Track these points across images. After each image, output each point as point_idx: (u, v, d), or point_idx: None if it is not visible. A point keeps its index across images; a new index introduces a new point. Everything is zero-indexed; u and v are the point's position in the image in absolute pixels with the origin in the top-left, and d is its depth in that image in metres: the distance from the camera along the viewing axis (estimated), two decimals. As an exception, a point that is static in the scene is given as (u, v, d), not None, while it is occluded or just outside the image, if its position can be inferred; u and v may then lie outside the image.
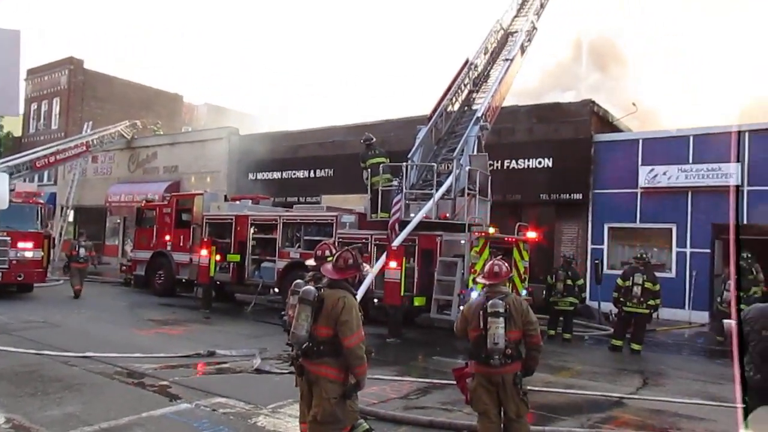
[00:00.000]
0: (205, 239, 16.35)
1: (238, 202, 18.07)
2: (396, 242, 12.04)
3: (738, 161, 15.88)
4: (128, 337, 11.17)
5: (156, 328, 12.65)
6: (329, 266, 4.90)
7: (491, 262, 5.59)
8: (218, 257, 15.97)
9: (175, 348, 9.98)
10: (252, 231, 16.36)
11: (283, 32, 72.76)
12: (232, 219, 16.71)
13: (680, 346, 13.66)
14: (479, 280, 5.69)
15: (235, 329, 12.90)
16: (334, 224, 14.59)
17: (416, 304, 12.66)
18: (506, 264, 5.59)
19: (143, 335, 11.66)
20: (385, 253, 12.34)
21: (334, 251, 5.39)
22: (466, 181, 12.86)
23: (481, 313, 5.24)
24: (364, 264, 5.14)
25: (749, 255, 13.91)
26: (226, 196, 19.13)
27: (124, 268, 20.90)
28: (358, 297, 10.86)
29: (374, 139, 14.85)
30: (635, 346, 11.94)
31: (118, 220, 29.52)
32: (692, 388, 9.23)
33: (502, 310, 5.14)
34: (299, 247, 15.14)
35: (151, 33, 79.35)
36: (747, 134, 15.96)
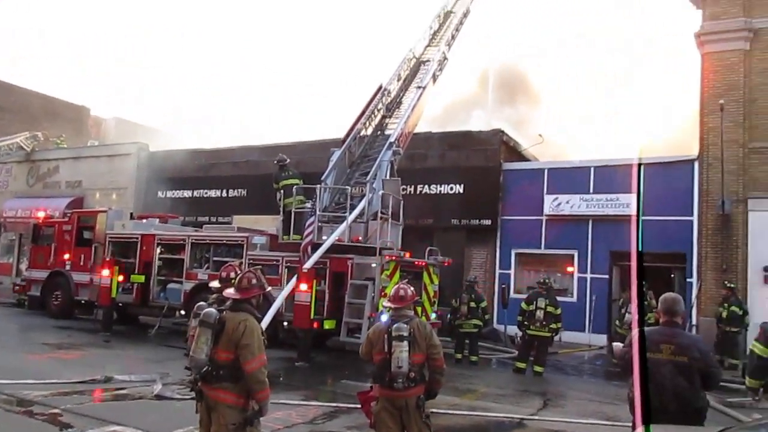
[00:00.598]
0: (108, 259, 15.65)
1: (144, 221, 17.43)
2: (307, 264, 11.96)
3: (635, 192, 16.85)
4: (18, 362, 10.46)
5: (50, 352, 11.93)
6: (231, 288, 4.82)
7: (397, 286, 5.66)
8: (121, 278, 15.33)
9: (70, 373, 9.44)
10: (158, 251, 15.80)
11: (199, 48, 71.44)
12: (137, 238, 16.09)
13: (580, 368, 14.24)
14: (385, 303, 5.75)
15: (136, 353, 12.37)
16: (245, 245, 14.33)
17: (326, 327, 12.58)
18: (411, 288, 5.67)
19: (35, 360, 10.98)
20: (295, 276, 12.22)
21: (239, 273, 5.30)
22: (379, 205, 12.98)
23: (385, 336, 5.28)
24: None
25: (643, 282, 14.73)
26: (132, 214, 18.40)
27: (18, 288, 19.62)
28: (267, 320, 10.75)
29: (288, 161, 14.77)
30: (538, 369, 12.34)
31: (13, 237, 27.76)
32: (589, 409, 9.62)
33: (406, 333, 5.20)
34: (208, 268, 14.75)
35: (60, 43, 75.89)
36: (642, 167, 16.96)
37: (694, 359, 4.90)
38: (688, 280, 16.33)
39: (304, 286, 11.90)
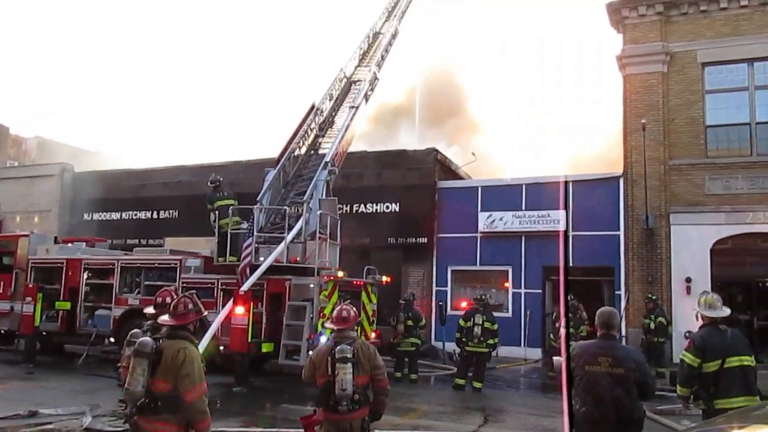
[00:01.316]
0: (30, 285, 14.88)
1: (70, 245, 16.66)
2: (244, 286, 11.72)
3: (564, 209, 17.41)
4: (-70, 399, 9.78)
5: (-34, 387, 11.20)
6: (167, 315, 4.66)
7: (339, 307, 5.61)
8: (45, 305, 14.58)
9: (-11, 409, 8.88)
10: (85, 276, 15.14)
11: (130, 65, 69.54)
12: (62, 263, 15.37)
13: (518, 382, 14.47)
14: (327, 325, 5.68)
15: (63, 385, 11.75)
16: (178, 268, 13.91)
17: (264, 350, 12.32)
18: (354, 309, 5.64)
19: (-51, 396, 10.28)
20: (232, 299, 11.95)
21: (175, 298, 5.12)
22: (316, 225, 12.89)
23: (329, 359, 5.21)
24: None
25: (572, 296, 15.24)
26: (56, 238, 17.58)
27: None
28: (203, 344, 10.43)
29: (222, 181, 14.51)
30: (477, 384, 12.46)
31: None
32: (529, 422, 9.77)
33: (350, 355, 5.15)
34: (139, 293, 14.24)
35: (-26, 58, 72.32)
36: (571, 184, 17.56)
37: (630, 370, 5.05)
38: (616, 292, 16.91)
39: (240, 309, 11.64)
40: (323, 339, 9.91)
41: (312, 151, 15.41)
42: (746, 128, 16.17)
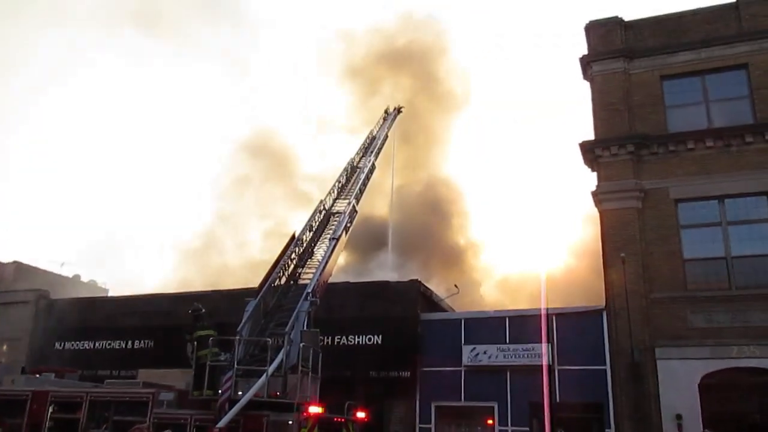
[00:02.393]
0: (-8, 420, 14.06)
1: (38, 376, 15.99)
2: (222, 422, 11.17)
3: (548, 342, 17.22)
4: None
5: None
6: None
7: None
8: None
9: None
10: (51, 410, 14.36)
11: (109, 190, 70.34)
12: (27, 395, 14.62)
13: None
14: None
15: None
16: (150, 402, 13.28)
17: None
18: None
19: None
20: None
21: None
22: (296, 357, 12.58)
23: None
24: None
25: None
26: (23, 368, 16.89)
27: None
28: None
29: (203, 310, 14.26)
30: None
31: None
32: None
33: None
34: (107, 429, 13.47)
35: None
36: (554, 317, 17.50)
37: None
38: (606, 430, 16.34)
39: (215, 447, 11.02)
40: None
41: (292, 282, 15.43)
42: (722, 262, 16.48)
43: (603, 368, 16.73)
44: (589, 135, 18.60)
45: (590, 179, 18.64)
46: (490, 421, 17.69)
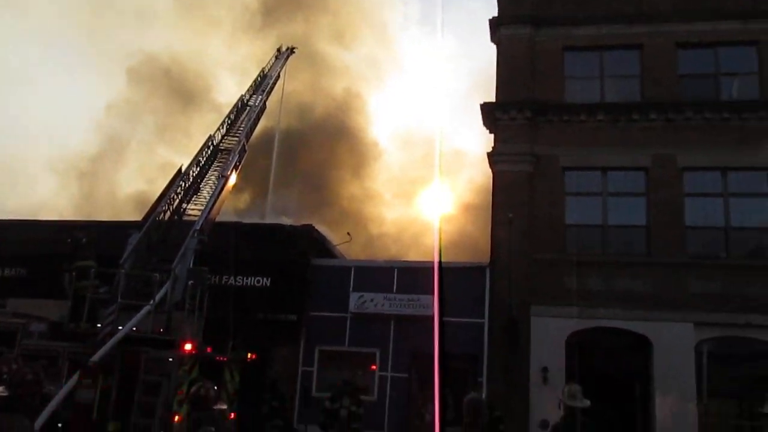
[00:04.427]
0: None
1: None
2: (97, 356, 10.75)
3: (434, 294, 17.79)
4: None
5: None
6: (2, 386, 4.15)
7: (200, 384, 5.29)
8: None
9: None
10: None
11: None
12: None
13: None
14: (186, 404, 5.33)
15: None
16: (19, 333, 12.57)
17: (110, 429, 11.23)
18: (215, 388, 5.33)
19: None
20: (78, 371, 10.90)
21: (14, 367, 4.59)
22: (181, 295, 12.29)
23: None
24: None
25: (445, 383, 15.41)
26: None
27: None
28: (40, 422, 9.38)
29: (85, 240, 13.52)
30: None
31: None
32: None
33: None
34: (-32, 359, 12.65)
35: None
36: (441, 271, 18.05)
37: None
38: (479, 379, 17.25)
39: (87, 382, 10.63)
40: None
41: (176, 217, 14.94)
42: (599, 230, 17.60)
43: (482, 322, 17.57)
44: (492, 97, 19.04)
45: (489, 140, 19.18)
46: (372, 367, 18.19)
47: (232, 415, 12.63)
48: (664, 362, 16.16)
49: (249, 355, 13.49)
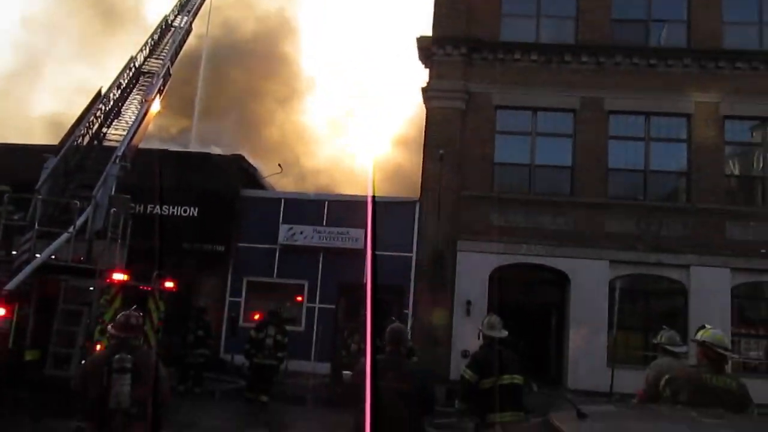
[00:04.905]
0: None
1: None
2: (12, 284, 10.35)
3: (362, 227, 17.94)
4: None
5: None
6: None
7: (125, 312, 5.19)
8: None
9: None
10: None
11: None
12: None
13: (305, 397, 14.47)
14: (111, 331, 5.23)
15: None
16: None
17: (28, 358, 10.97)
18: (141, 316, 5.25)
19: None
20: (-8, 299, 10.49)
21: None
22: (101, 222, 11.92)
23: (105, 368, 4.78)
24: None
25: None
26: None
27: None
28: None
29: (-6, 164, 12.81)
30: (263, 398, 12.25)
31: None
32: (314, 437, 9.80)
33: (129, 365, 4.76)
34: None
35: None
36: (370, 205, 18.14)
37: (414, 386, 5.26)
38: (405, 311, 17.73)
39: (1, 311, 10.26)
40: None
41: (96, 142, 14.32)
42: (527, 169, 18.02)
43: (409, 255, 17.91)
44: (428, 31, 18.81)
45: (422, 75, 19.05)
46: (299, 298, 18.36)
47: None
48: (579, 297, 17.02)
49: (169, 284, 13.31)
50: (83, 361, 10.70)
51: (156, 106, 15.48)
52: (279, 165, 21.69)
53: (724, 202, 17.49)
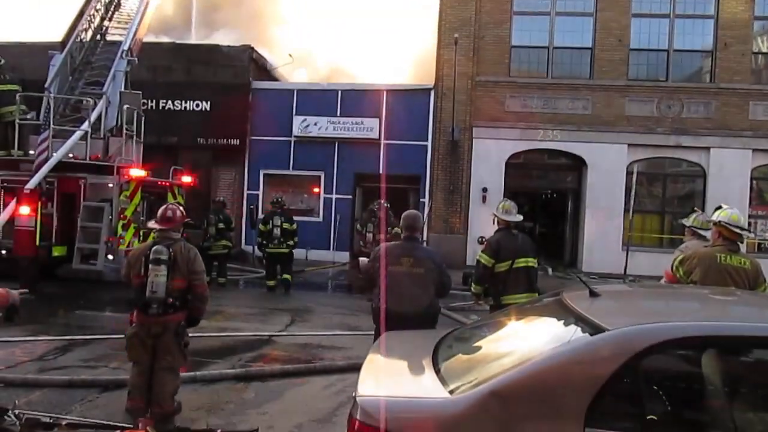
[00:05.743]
0: None
1: None
2: (30, 184, 10.53)
3: (377, 117, 17.73)
4: None
5: None
6: None
7: (165, 206, 5.30)
8: None
9: None
10: None
11: None
12: None
13: (325, 285, 14.94)
14: (150, 225, 5.38)
15: None
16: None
17: (55, 254, 11.36)
18: (181, 208, 5.35)
19: None
20: (15, 198, 10.72)
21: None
22: (115, 119, 11.91)
23: (143, 259, 4.96)
24: None
25: (377, 202, 15.87)
26: None
27: None
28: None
29: (3, 62, 12.63)
30: (286, 276, 12.67)
31: None
32: (334, 321, 10.17)
33: (165, 257, 4.92)
34: None
35: None
36: (385, 93, 17.85)
37: (429, 270, 5.37)
38: (421, 199, 17.85)
39: (26, 209, 10.50)
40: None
41: (98, 37, 13.96)
42: (545, 51, 17.42)
43: (425, 144, 17.78)
44: None
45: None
46: (316, 189, 18.50)
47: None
48: (596, 181, 16.95)
49: (188, 179, 13.44)
50: (109, 256, 11.08)
51: None
52: (290, 55, 21.11)
53: (750, 81, 16.92)
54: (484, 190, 16.98)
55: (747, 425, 2.85)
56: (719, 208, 5.41)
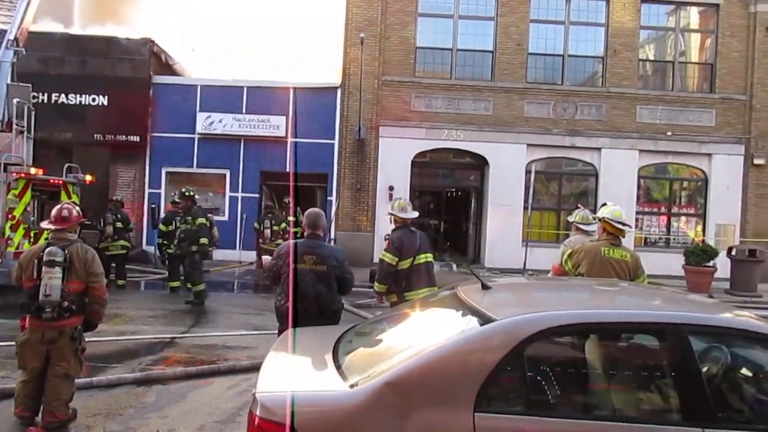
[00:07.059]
0: None
1: None
2: None
3: (284, 114, 17.60)
4: None
5: None
6: None
7: (60, 205, 5.08)
8: None
9: None
10: None
11: None
12: None
13: (231, 284, 14.69)
14: (44, 225, 5.13)
15: None
16: None
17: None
18: (77, 208, 5.13)
19: None
20: None
21: None
22: (2, 114, 11.21)
23: (36, 261, 4.74)
24: None
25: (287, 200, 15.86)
26: None
27: None
28: None
29: None
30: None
31: None
32: (239, 321, 10.05)
33: (60, 259, 4.72)
34: None
35: None
36: (291, 91, 17.74)
37: (332, 267, 5.44)
38: (328, 198, 17.89)
39: None
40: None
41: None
42: (449, 53, 17.88)
43: (332, 142, 17.82)
44: None
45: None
46: (222, 188, 18.12)
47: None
48: (497, 180, 17.60)
49: (88, 177, 12.85)
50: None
51: None
52: (193, 49, 20.61)
53: (637, 87, 18.08)
54: (391, 188, 17.23)
55: (623, 404, 3.11)
56: (604, 204, 5.83)
